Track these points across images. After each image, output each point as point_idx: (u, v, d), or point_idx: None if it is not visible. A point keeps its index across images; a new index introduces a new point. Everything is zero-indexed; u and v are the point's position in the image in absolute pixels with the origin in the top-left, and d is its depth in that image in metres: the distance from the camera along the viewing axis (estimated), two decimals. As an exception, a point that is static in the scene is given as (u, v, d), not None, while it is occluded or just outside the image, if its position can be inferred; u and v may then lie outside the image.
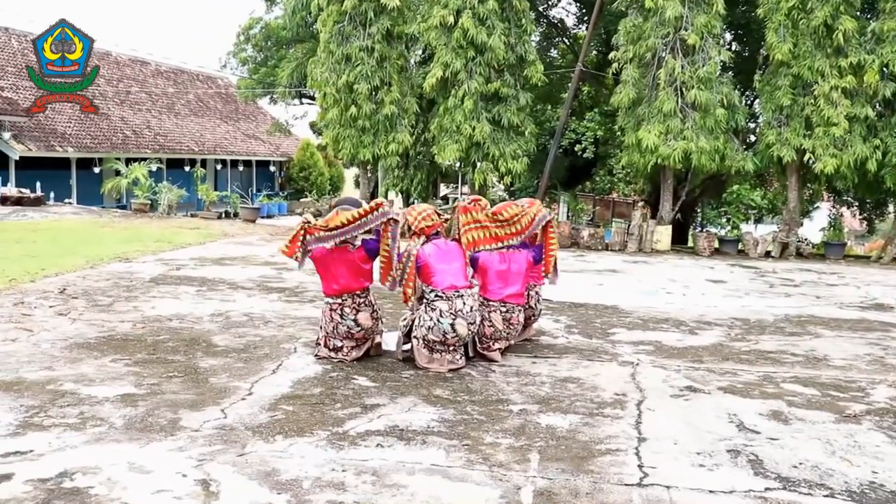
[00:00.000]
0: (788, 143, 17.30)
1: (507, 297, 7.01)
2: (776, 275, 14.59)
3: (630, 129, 18.26)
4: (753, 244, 18.24)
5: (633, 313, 9.81)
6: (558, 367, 6.89)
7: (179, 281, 11.09)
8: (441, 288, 6.60)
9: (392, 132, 19.95)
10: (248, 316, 8.76)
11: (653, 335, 8.50)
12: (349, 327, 6.68)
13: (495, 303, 6.99)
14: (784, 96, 17.15)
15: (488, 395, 5.95)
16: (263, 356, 6.93)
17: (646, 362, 7.22)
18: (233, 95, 42.20)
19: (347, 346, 6.79)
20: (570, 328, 8.70)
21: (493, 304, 6.98)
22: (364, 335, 6.76)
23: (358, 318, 6.68)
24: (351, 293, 6.69)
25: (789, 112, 17.34)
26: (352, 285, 6.70)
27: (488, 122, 19.00)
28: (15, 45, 31.69)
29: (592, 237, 18.88)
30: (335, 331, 6.73)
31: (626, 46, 18.17)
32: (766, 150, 17.60)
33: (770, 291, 12.33)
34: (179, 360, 6.70)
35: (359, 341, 6.79)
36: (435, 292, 6.62)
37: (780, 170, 18.84)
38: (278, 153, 42.18)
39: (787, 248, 18.12)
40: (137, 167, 24.81)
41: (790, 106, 17.24)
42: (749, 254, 18.19)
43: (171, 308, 9.02)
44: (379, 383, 6.18)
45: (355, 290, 6.70)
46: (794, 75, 17.10)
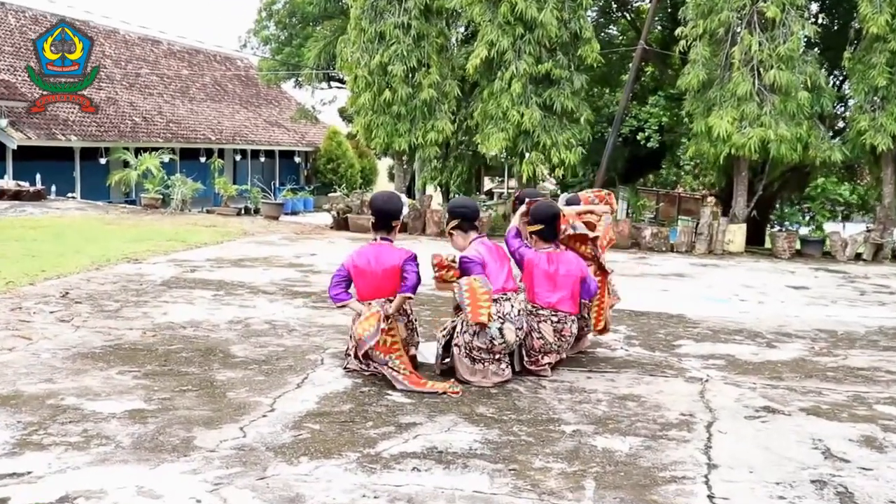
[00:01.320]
0: (884, 129, 17.04)
1: (558, 304, 7.00)
2: (868, 280, 14.40)
3: (699, 115, 18.12)
4: (841, 245, 17.99)
5: (701, 323, 9.74)
6: (616, 384, 6.87)
7: (194, 284, 11.15)
8: (493, 290, 6.60)
9: (430, 119, 20.00)
10: (269, 324, 8.79)
11: (724, 348, 8.42)
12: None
13: (545, 311, 6.97)
14: (879, 76, 16.88)
15: (537, 414, 5.93)
16: (287, 369, 6.95)
17: (716, 379, 7.16)
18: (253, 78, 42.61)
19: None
20: (629, 339, 8.65)
21: (543, 313, 6.97)
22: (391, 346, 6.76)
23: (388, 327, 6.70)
24: (381, 300, 6.71)
25: (885, 94, 17.07)
26: (384, 289, 6.72)
27: (538, 107, 18.97)
28: (12, 21, 32.28)
29: (655, 237, 18.77)
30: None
31: (696, 21, 18.04)
32: (857, 137, 17.36)
33: (861, 299, 12.16)
34: (194, 372, 6.74)
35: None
36: None
37: (873, 160, 18.57)
38: (304, 142, 42.46)
39: (882, 250, 17.84)
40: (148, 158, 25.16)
41: (886, 87, 16.97)
42: (836, 256, 17.95)
43: (184, 314, 9.08)
44: (415, 399, 6.18)
45: (388, 296, 6.73)
46: (892, 51, 16.83)
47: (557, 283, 7.01)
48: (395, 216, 6.95)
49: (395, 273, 6.70)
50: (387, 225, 6.91)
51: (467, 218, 6.94)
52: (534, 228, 7.11)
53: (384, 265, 6.72)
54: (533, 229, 7.13)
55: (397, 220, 6.98)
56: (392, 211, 6.93)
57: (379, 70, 20.02)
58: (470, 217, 6.95)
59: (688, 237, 18.76)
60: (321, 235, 19.59)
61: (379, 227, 6.93)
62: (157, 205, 23.73)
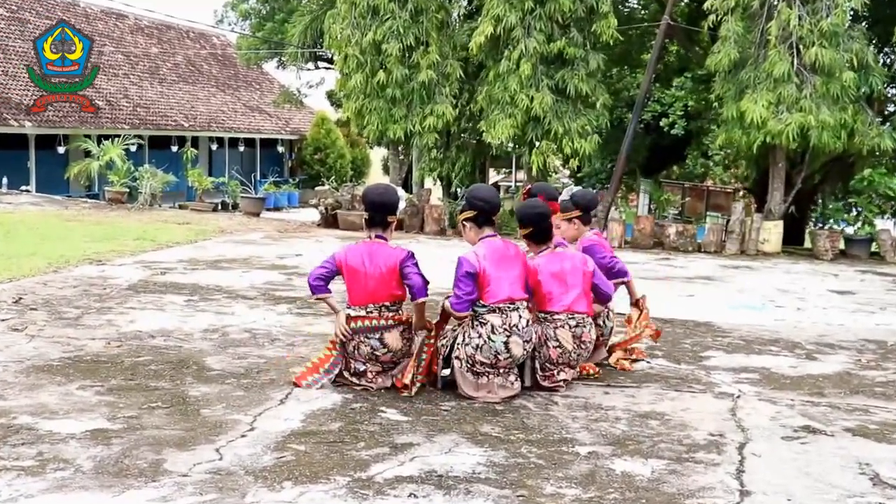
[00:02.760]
0: (941, 113, 17.05)
1: (573, 305, 7.00)
2: (921, 284, 14.38)
3: (730, 99, 18.13)
4: (892, 245, 17.99)
5: (732, 332, 9.74)
6: (637, 400, 6.86)
7: (165, 289, 11.16)
8: (495, 300, 6.62)
9: (429, 104, 20.02)
10: (249, 332, 8.81)
11: (758, 360, 8.43)
12: (373, 347, 6.72)
13: (561, 315, 6.97)
14: (936, 53, 16.91)
15: (549, 434, 5.94)
16: (268, 383, 6.96)
17: (750, 394, 7.16)
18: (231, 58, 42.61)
19: (372, 370, 6.82)
20: (652, 350, 8.62)
21: (559, 318, 6.97)
22: (392, 359, 6.80)
23: (384, 337, 6.74)
24: (378, 304, 6.75)
25: (943, 73, 17.09)
26: (380, 293, 6.74)
27: (550, 90, 18.98)
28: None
29: (681, 235, 18.79)
30: (356, 351, 6.77)
31: (727, -7, 18.05)
32: (910, 123, 17.35)
33: (913, 306, 12.17)
34: (164, 386, 6.74)
35: (385, 365, 6.82)
36: (487, 307, 6.65)
37: (927, 148, 18.55)
38: (288, 130, 42.48)
39: (936, 251, 17.85)
40: (112, 146, 25.12)
41: (944, 65, 16.99)
42: (886, 257, 17.96)
43: (154, 322, 9.08)
44: (412, 417, 6.18)
45: (384, 301, 6.75)
46: (953, 24, 16.86)
47: (568, 282, 7.02)
48: (392, 211, 6.93)
49: (392, 275, 6.71)
50: (382, 221, 6.90)
51: (484, 212, 6.89)
52: (523, 233, 7.14)
53: (379, 266, 6.72)
54: (523, 233, 7.15)
55: (393, 216, 6.97)
56: (388, 205, 6.91)
57: (372, 49, 20.04)
58: (487, 212, 6.90)
59: (717, 236, 18.76)
60: (307, 234, 19.58)
61: (373, 223, 6.92)
62: (122, 199, 23.71)
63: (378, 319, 6.72)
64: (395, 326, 6.77)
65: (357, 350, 6.76)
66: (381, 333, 6.72)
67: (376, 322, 6.71)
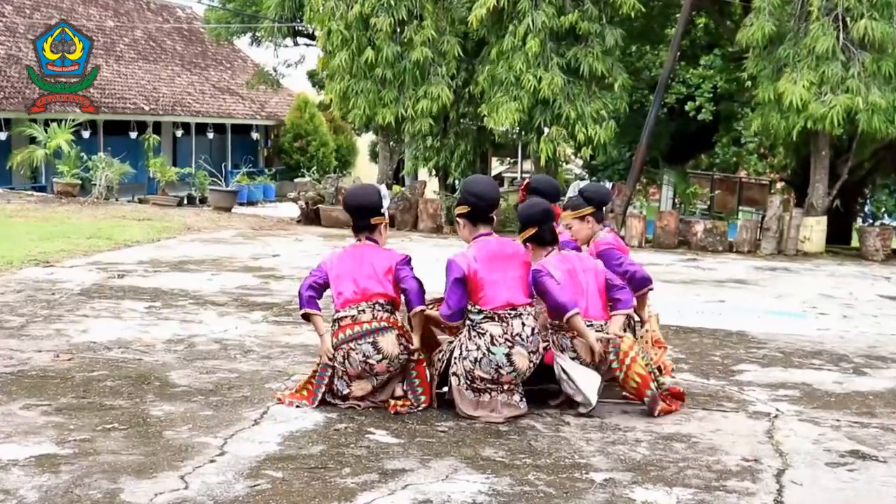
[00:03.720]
0: None
1: (590, 311, 6.98)
2: None
3: (766, 79, 18.16)
4: (951, 244, 17.99)
5: (768, 343, 9.77)
6: (659, 419, 6.85)
7: (123, 294, 11.17)
8: (493, 306, 6.62)
9: (424, 85, 20.01)
10: (219, 343, 8.82)
11: (799, 375, 8.44)
12: (366, 354, 6.71)
13: None
14: None
15: (559, 458, 5.94)
16: (241, 400, 6.95)
17: (789, 414, 7.15)
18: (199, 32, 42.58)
19: (360, 390, 6.82)
20: (677, 363, 8.62)
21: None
22: (388, 368, 6.76)
23: (379, 342, 6.70)
24: (371, 302, 6.77)
25: None
26: (373, 290, 6.79)
27: (561, 70, 18.98)
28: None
29: (710, 233, 18.80)
30: (346, 361, 6.75)
31: (762, -42, 18.06)
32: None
33: (977, 313, 12.16)
34: (121, 405, 6.71)
35: (378, 379, 6.80)
36: (484, 313, 6.64)
37: None
38: (263, 114, 42.46)
39: None
40: (61, 131, 25.05)
41: None
42: (945, 258, 17.98)
43: (110, 332, 9.08)
44: (404, 439, 6.17)
45: (378, 299, 6.79)
46: None
47: (582, 286, 7.02)
48: (374, 212, 7.02)
49: (386, 275, 6.84)
50: (367, 225, 7.02)
51: (478, 209, 6.92)
52: (526, 234, 7.11)
53: (372, 265, 6.85)
54: (524, 236, 7.13)
55: (379, 217, 7.05)
56: (368, 206, 7.01)
57: (359, 23, 20.04)
58: (482, 209, 6.93)
59: (751, 233, 18.80)
60: (286, 232, 19.64)
61: (359, 229, 7.04)
62: (74, 192, 23.70)
63: (370, 322, 6.72)
64: (390, 329, 6.77)
65: (347, 360, 6.74)
66: (374, 337, 6.71)
67: (367, 326, 6.71)
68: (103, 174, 23.58)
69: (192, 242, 16.64)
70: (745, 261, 17.37)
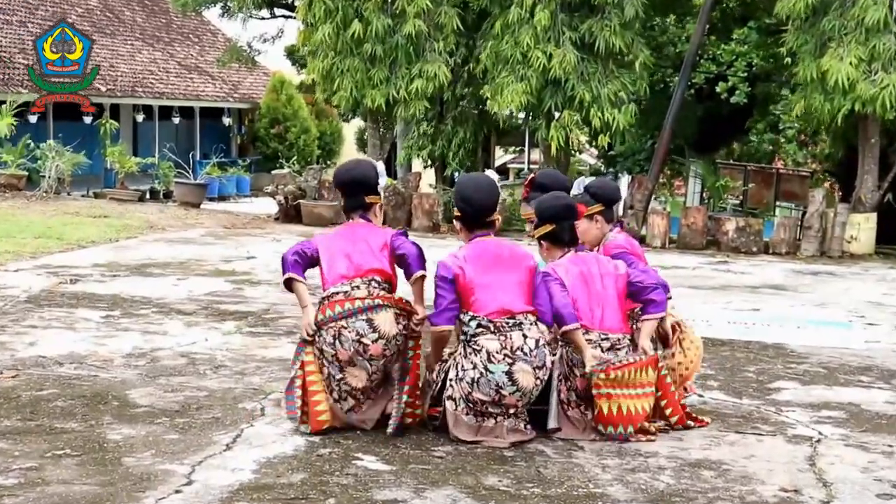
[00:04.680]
0: None
1: (606, 321, 6.95)
2: None
3: (808, 56, 18.17)
4: None
5: (810, 357, 9.72)
6: (686, 444, 6.80)
7: (76, 301, 11.14)
8: (486, 312, 6.60)
9: (418, 63, 19.98)
10: (187, 357, 8.79)
11: (845, 394, 8.39)
12: (360, 333, 6.59)
13: (592, 334, 6.90)
14: None
15: (572, 487, 5.90)
16: (211, 422, 6.90)
17: (833, 438, 7.08)
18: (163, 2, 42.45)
19: (354, 380, 6.69)
20: (705, 380, 8.58)
21: (591, 338, 6.88)
22: (384, 351, 6.65)
23: (374, 319, 6.59)
24: (367, 278, 6.74)
25: None
26: (368, 265, 6.77)
27: (573, 45, 18.97)
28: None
29: (743, 232, 18.82)
30: (337, 341, 6.63)
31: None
32: None
33: None
34: (74, 428, 6.65)
35: (373, 361, 6.69)
36: (477, 320, 6.61)
37: None
38: (236, 96, 42.31)
39: None
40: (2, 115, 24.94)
41: None
42: None
43: (61, 345, 9.03)
44: (396, 466, 6.11)
45: (374, 276, 6.76)
46: None
47: (599, 292, 6.99)
48: (369, 189, 7.06)
49: (382, 251, 6.87)
50: (360, 203, 7.04)
51: (468, 216, 6.93)
52: (543, 230, 7.11)
53: (366, 241, 6.88)
54: (541, 232, 7.12)
55: (374, 195, 7.09)
56: (363, 182, 7.04)
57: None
58: (472, 215, 6.92)
59: (790, 233, 18.84)
60: (262, 230, 19.65)
61: (350, 207, 7.07)
62: (19, 185, 23.60)
63: (365, 299, 6.64)
64: (388, 307, 6.68)
65: (338, 339, 6.60)
66: (369, 315, 6.60)
67: (361, 303, 6.61)
68: (53, 165, 23.49)
69: (155, 243, 16.60)
70: (783, 263, 17.34)
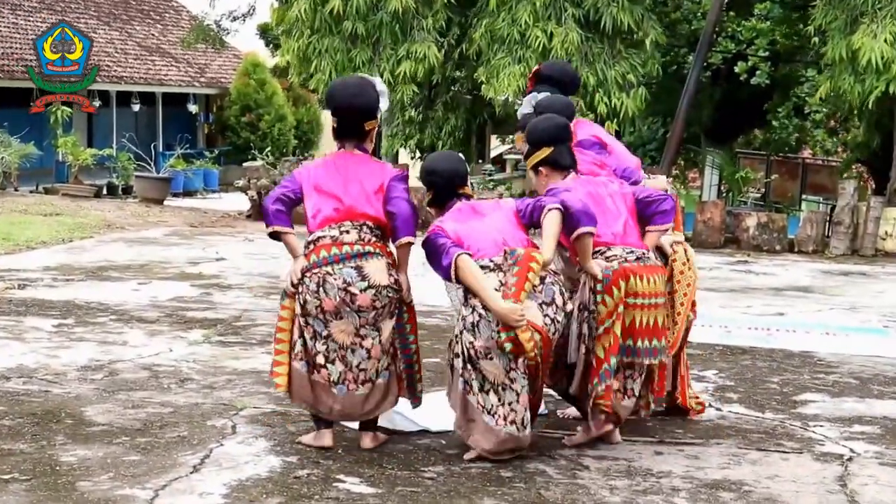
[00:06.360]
0: None
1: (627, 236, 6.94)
2: None
3: (838, 32, 18.31)
4: None
5: (840, 367, 9.79)
6: (703, 462, 6.82)
7: (24, 308, 11.25)
8: (483, 254, 6.53)
9: (406, 43, 20.00)
10: (149, 370, 8.81)
11: (879, 407, 8.43)
12: (347, 281, 6.48)
13: (615, 250, 6.84)
14: None
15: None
16: (177, 441, 6.89)
17: (867, 456, 7.09)
18: (120, -25, 42.51)
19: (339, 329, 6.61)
20: (723, 391, 8.70)
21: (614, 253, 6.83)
22: (373, 303, 6.52)
23: (364, 267, 6.50)
24: (358, 223, 6.62)
25: None
26: (360, 210, 6.64)
27: (576, 23, 19.02)
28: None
29: (765, 229, 19.07)
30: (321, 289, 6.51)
31: None
32: None
33: None
34: (23, 449, 6.63)
35: (361, 313, 6.54)
36: (477, 263, 6.50)
37: None
38: (203, 81, 42.36)
39: None
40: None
41: None
42: None
43: (8, 357, 9.07)
44: (382, 488, 6.11)
45: (366, 221, 6.63)
46: None
47: (613, 210, 6.99)
48: (368, 113, 6.82)
49: (378, 194, 6.72)
50: (356, 129, 6.82)
51: (440, 188, 6.96)
52: (539, 156, 7.10)
53: (360, 180, 6.70)
54: (537, 158, 7.11)
55: (372, 122, 6.87)
56: (361, 105, 6.78)
57: (323, -35, 19.99)
58: (444, 185, 6.94)
59: (817, 229, 19.03)
60: (232, 229, 19.95)
61: (344, 132, 6.86)
62: (-41, 180, 23.85)
63: (354, 245, 6.56)
64: (379, 256, 6.62)
65: (322, 287, 6.50)
66: (358, 262, 6.53)
67: (350, 249, 6.54)
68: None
69: (113, 243, 16.80)
70: (810, 263, 17.52)
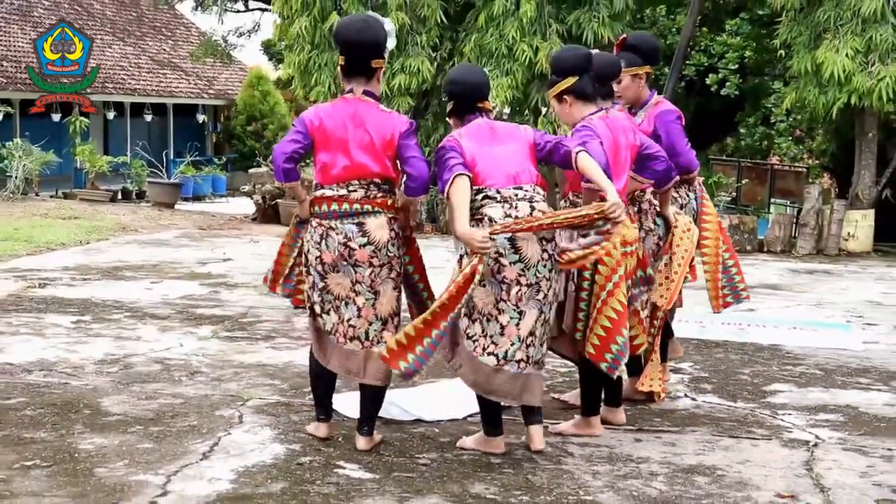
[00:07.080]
0: None
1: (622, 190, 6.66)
2: None
3: (803, 47, 18.19)
4: None
5: (806, 359, 9.74)
6: (679, 449, 6.80)
7: (45, 306, 11.17)
8: (492, 182, 6.32)
9: (400, 57, 19.92)
10: (161, 363, 8.81)
11: (843, 396, 8.39)
12: (347, 236, 6.33)
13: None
14: None
15: (561, 495, 5.88)
16: (187, 430, 6.89)
17: (831, 442, 7.09)
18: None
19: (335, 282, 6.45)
20: (698, 382, 8.65)
21: None
22: (370, 259, 6.36)
23: (365, 224, 6.34)
24: (366, 181, 6.42)
25: None
26: (369, 168, 6.41)
27: (561, 38, 18.96)
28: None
29: (736, 230, 18.73)
30: (323, 242, 6.39)
31: None
32: None
33: None
34: (44, 438, 6.64)
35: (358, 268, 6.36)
36: (483, 192, 6.31)
37: None
38: (211, 93, 42.08)
39: None
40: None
41: None
42: None
43: (30, 351, 9.09)
44: (380, 474, 6.10)
45: (373, 178, 6.43)
46: None
47: (621, 164, 6.77)
48: (376, 50, 6.51)
49: (386, 149, 6.45)
50: (363, 68, 6.51)
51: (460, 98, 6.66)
52: (563, 85, 6.79)
53: (369, 133, 6.42)
54: (562, 87, 6.80)
55: (380, 60, 6.55)
56: (369, 41, 6.46)
57: (322, -18, 20.07)
58: (466, 96, 6.64)
59: (785, 230, 18.92)
60: (239, 231, 19.74)
61: (351, 71, 6.54)
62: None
63: (362, 203, 6.35)
64: (381, 212, 6.40)
65: (325, 241, 6.37)
66: (361, 218, 6.34)
67: (357, 207, 6.34)
68: (20, 164, 23.43)
69: (127, 245, 16.63)
70: (778, 262, 17.31)
